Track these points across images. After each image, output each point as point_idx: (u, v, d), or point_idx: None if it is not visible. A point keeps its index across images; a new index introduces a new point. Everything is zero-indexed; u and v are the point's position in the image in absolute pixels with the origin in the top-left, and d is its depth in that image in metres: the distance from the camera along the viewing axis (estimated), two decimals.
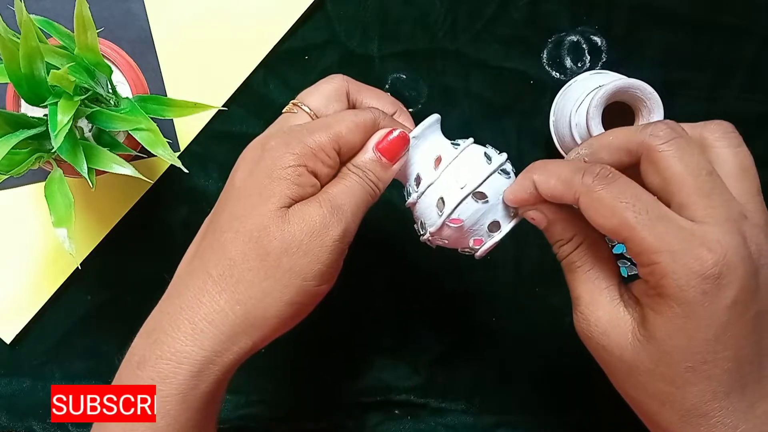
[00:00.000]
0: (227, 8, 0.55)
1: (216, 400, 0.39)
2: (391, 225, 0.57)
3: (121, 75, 0.48)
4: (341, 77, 0.44)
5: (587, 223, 0.36)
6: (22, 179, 0.54)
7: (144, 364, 0.37)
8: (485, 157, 0.41)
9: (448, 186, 0.41)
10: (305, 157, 0.39)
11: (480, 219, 0.41)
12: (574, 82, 0.54)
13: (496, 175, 0.41)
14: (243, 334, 0.38)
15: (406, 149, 0.41)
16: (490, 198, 0.40)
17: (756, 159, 0.57)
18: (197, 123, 0.55)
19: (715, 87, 0.56)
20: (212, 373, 0.37)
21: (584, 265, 0.38)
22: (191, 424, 0.37)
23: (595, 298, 0.37)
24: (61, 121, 0.39)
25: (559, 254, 0.39)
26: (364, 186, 0.40)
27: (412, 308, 0.58)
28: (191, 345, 0.37)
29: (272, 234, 0.37)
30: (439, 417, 0.58)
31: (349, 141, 0.40)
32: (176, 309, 0.38)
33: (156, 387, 0.37)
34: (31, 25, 0.38)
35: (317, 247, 0.38)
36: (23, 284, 0.55)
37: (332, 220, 0.38)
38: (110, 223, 0.55)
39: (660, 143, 0.35)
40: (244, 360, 0.39)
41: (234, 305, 0.37)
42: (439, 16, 0.56)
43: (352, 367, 0.58)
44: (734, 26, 0.56)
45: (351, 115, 0.41)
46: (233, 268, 0.38)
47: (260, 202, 0.38)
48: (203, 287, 0.38)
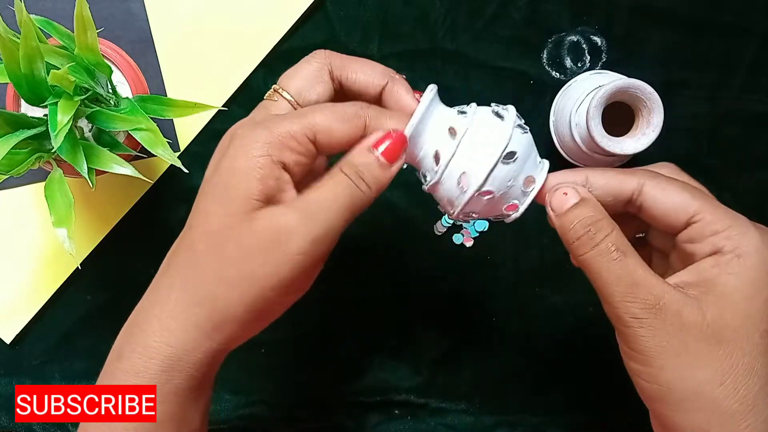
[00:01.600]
0: (227, 8, 0.55)
1: (196, 394, 0.38)
2: (391, 225, 0.57)
3: (121, 75, 0.48)
4: (323, 54, 0.41)
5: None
6: (22, 179, 0.54)
7: (121, 357, 0.37)
8: (497, 117, 0.38)
9: (472, 157, 0.37)
10: (271, 146, 0.36)
11: (512, 181, 0.38)
12: (574, 82, 0.54)
13: (517, 131, 0.38)
14: (209, 333, 0.37)
15: (405, 149, 0.38)
16: (519, 155, 0.38)
17: (756, 159, 0.58)
18: (197, 123, 0.55)
19: (715, 87, 0.57)
20: (183, 369, 0.37)
21: (629, 250, 0.37)
22: (168, 417, 0.37)
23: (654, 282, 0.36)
24: (61, 121, 0.39)
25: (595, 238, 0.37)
26: (353, 189, 0.37)
27: (412, 308, 0.58)
28: (158, 341, 0.36)
29: (233, 238, 0.36)
30: (440, 417, 0.58)
31: (326, 128, 0.37)
32: (150, 304, 0.38)
33: (130, 380, 0.37)
34: (31, 25, 0.38)
35: (279, 257, 0.35)
36: (23, 284, 0.55)
37: (299, 229, 0.35)
38: (110, 223, 0.55)
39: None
40: (219, 358, 0.38)
41: (195, 307, 0.36)
42: (439, 16, 0.56)
43: (352, 367, 0.58)
44: (734, 26, 0.56)
45: (330, 105, 0.38)
46: (197, 269, 0.37)
47: (225, 202, 0.36)
48: (172, 284, 0.37)
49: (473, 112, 0.39)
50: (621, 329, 0.36)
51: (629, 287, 0.36)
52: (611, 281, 0.36)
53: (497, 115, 0.38)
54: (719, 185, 0.57)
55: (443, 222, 0.57)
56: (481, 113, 0.39)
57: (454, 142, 0.38)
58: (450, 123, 0.38)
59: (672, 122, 0.51)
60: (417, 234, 0.57)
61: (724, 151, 0.57)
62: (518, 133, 0.38)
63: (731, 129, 0.57)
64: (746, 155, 0.57)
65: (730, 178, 0.57)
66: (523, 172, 0.38)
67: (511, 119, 0.38)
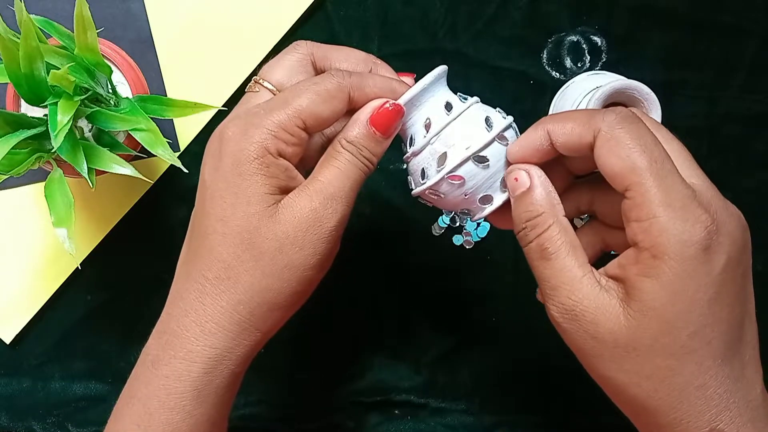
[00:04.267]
0: (227, 8, 0.55)
1: (230, 393, 0.40)
2: (391, 225, 0.57)
3: (121, 75, 0.48)
4: (305, 44, 0.42)
5: (559, 206, 0.36)
6: (22, 179, 0.54)
7: (158, 363, 0.38)
8: (487, 122, 0.39)
9: (453, 142, 0.38)
10: (266, 142, 0.37)
11: (478, 184, 0.39)
12: (571, 83, 0.54)
13: (496, 143, 0.39)
14: (251, 329, 0.38)
15: (400, 120, 0.39)
16: (492, 165, 0.38)
17: (756, 159, 0.57)
18: (197, 123, 0.55)
19: (715, 87, 0.56)
20: (226, 368, 0.38)
21: (559, 251, 0.35)
22: (205, 419, 0.38)
23: (576, 286, 0.35)
24: (61, 121, 0.39)
25: (529, 235, 0.36)
26: (358, 164, 0.39)
27: (412, 308, 0.58)
28: (202, 345, 0.37)
29: (264, 235, 0.37)
30: (440, 417, 0.58)
31: (313, 113, 0.38)
32: (182, 312, 0.38)
33: (171, 384, 0.37)
34: (31, 25, 0.38)
35: (314, 240, 0.37)
36: (23, 284, 0.55)
37: (326, 213, 0.37)
38: (110, 223, 0.55)
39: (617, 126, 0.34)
40: (257, 351, 0.40)
41: (237, 305, 0.37)
42: (439, 16, 0.56)
43: (352, 367, 0.58)
44: (734, 26, 0.56)
45: (310, 84, 0.38)
46: (228, 270, 0.37)
47: (241, 204, 0.37)
48: (202, 290, 0.38)
49: (470, 102, 0.40)
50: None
51: (551, 290, 0.35)
52: (539, 279, 0.36)
53: (487, 121, 0.39)
54: (719, 185, 0.57)
55: (440, 222, 0.57)
56: (476, 108, 0.40)
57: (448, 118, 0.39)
58: (445, 102, 0.40)
59: (671, 122, 0.51)
60: (417, 234, 0.57)
61: (724, 151, 0.57)
62: (496, 145, 0.39)
63: (731, 129, 0.57)
64: (746, 155, 0.57)
65: (730, 178, 0.57)
66: (488, 182, 0.39)
67: (498, 128, 0.39)
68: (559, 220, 0.36)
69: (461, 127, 0.39)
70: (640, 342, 0.33)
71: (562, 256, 0.35)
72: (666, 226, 0.32)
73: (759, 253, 0.58)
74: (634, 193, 0.33)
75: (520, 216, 0.37)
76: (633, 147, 0.33)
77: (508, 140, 0.39)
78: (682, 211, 0.32)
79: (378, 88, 0.39)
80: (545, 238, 0.36)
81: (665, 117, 0.49)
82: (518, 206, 0.37)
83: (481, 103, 0.41)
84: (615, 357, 0.34)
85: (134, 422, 0.38)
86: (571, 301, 0.35)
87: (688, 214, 0.32)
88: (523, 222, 0.37)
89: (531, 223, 0.36)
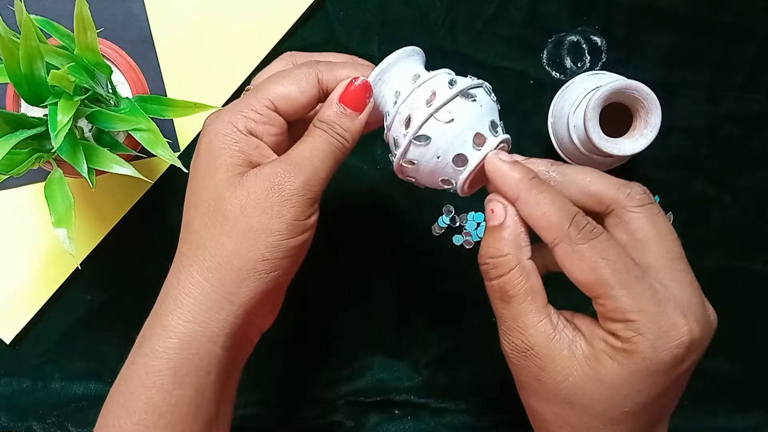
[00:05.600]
0: (227, 8, 0.55)
1: (214, 377, 0.39)
2: (391, 225, 0.57)
3: (121, 75, 0.48)
4: (288, 54, 0.44)
5: (527, 248, 0.37)
6: (22, 179, 0.54)
7: (140, 343, 0.39)
8: (449, 84, 0.39)
9: (417, 105, 0.39)
10: (235, 120, 0.39)
11: (447, 143, 0.38)
12: (571, 83, 0.54)
13: (460, 99, 0.38)
14: (224, 301, 0.38)
15: (369, 96, 0.41)
16: (457, 120, 0.38)
17: (756, 159, 0.58)
18: (197, 123, 0.55)
19: (715, 87, 0.57)
20: (203, 346, 0.38)
21: (518, 295, 0.36)
22: (186, 401, 0.38)
23: (530, 332, 0.36)
24: (61, 121, 0.39)
25: (491, 273, 0.37)
26: (329, 139, 0.40)
27: (412, 308, 0.58)
28: (175, 319, 0.38)
29: (228, 200, 0.38)
30: (440, 417, 0.58)
31: (280, 93, 0.39)
32: (163, 291, 0.40)
33: (149, 362, 0.38)
34: (31, 25, 0.38)
35: (275, 203, 0.38)
36: (23, 284, 0.55)
37: (287, 176, 0.38)
38: (110, 223, 0.55)
39: (634, 205, 0.37)
40: (244, 336, 0.40)
41: (206, 273, 0.38)
42: (439, 16, 0.56)
43: (352, 367, 0.58)
44: (734, 26, 0.56)
45: (282, 72, 0.41)
46: (198, 240, 0.39)
47: (210, 175, 0.39)
48: (179, 265, 0.39)
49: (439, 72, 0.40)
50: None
51: (506, 329, 0.37)
52: (496, 316, 0.38)
53: (451, 83, 0.39)
54: (719, 185, 0.57)
55: (440, 222, 0.57)
56: (442, 74, 0.40)
57: (412, 86, 0.39)
58: (416, 72, 0.40)
59: (671, 122, 0.52)
60: (417, 234, 0.57)
61: (724, 151, 0.57)
62: (460, 101, 0.38)
63: (731, 129, 0.57)
64: (746, 155, 0.57)
65: (730, 178, 0.57)
66: (457, 144, 0.38)
67: (461, 86, 0.39)
68: (522, 264, 0.36)
69: (425, 90, 0.39)
70: (578, 399, 0.35)
71: (519, 300, 0.36)
72: (642, 330, 0.34)
73: (759, 253, 0.58)
74: (605, 301, 0.34)
75: (486, 251, 0.37)
76: (596, 263, 0.34)
77: (476, 98, 0.39)
78: (657, 316, 0.34)
79: (347, 69, 0.41)
80: (505, 281, 0.36)
81: (665, 117, 0.49)
82: (486, 240, 0.38)
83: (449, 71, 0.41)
84: (551, 400, 0.36)
85: (119, 402, 0.38)
86: (524, 344, 0.36)
87: (664, 320, 0.34)
88: (486, 258, 0.37)
89: (494, 262, 0.37)
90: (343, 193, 0.56)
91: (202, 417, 0.38)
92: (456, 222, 0.57)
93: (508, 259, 0.36)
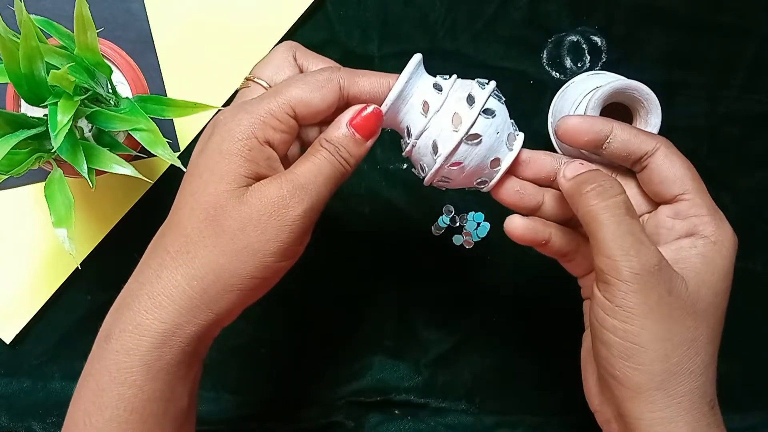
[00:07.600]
0: (227, 8, 0.55)
1: (185, 371, 0.39)
2: (391, 225, 0.57)
3: (121, 75, 0.48)
4: (288, 44, 0.43)
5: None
6: (22, 179, 0.54)
7: (109, 338, 0.38)
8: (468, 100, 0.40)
9: (441, 130, 0.39)
10: (254, 127, 0.38)
11: (480, 156, 0.40)
12: (571, 83, 0.54)
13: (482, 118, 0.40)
14: (202, 307, 0.38)
15: (380, 125, 0.40)
16: (484, 138, 0.40)
17: (756, 159, 0.57)
18: (197, 123, 0.55)
19: (715, 87, 0.57)
20: (175, 345, 0.38)
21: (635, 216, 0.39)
22: (158, 395, 0.38)
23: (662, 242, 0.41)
24: (61, 121, 0.39)
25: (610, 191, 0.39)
26: (334, 163, 0.39)
27: (412, 308, 0.58)
28: (151, 318, 0.37)
29: (228, 213, 0.37)
30: (440, 417, 0.58)
31: (302, 100, 0.39)
32: (138, 285, 0.39)
33: (121, 359, 0.37)
34: (31, 25, 0.38)
35: (276, 226, 0.37)
36: (23, 284, 0.55)
37: (292, 200, 0.38)
38: (110, 223, 0.55)
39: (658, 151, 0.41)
40: (212, 333, 0.39)
41: (191, 280, 0.38)
42: (439, 16, 0.56)
43: (352, 367, 0.58)
44: (734, 26, 0.56)
45: (302, 75, 0.40)
46: (189, 245, 0.38)
47: (214, 180, 0.38)
48: (162, 263, 0.38)
49: (450, 85, 0.40)
50: (613, 282, 0.37)
51: (635, 244, 0.37)
52: (618, 235, 0.37)
53: (469, 98, 0.40)
54: (719, 185, 0.57)
55: (440, 222, 0.57)
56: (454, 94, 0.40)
57: (428, 116, 0.40)
58: (425, 96, 0.40)
59: (672, 122, 0.51)
60: (417, 234, 0.57)
61: (724, 151, 0.57)
62: (482, 120, 0.40)
63: (731, 129, 0.57)
64: (746, 155, 0.57)
65: (730, 178, 0.57)
66: (491, 153, 0.40)
67: (479, 105, 0.39)
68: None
69: (447, 113, 0.40)
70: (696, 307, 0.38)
71: (638, 219, 0.39)
72: (721, 221, 0.40)
73: (759, 253, 0.58)
74: (693, 195, 0.40)
75: (593, 176, 0.39)
76: (684, 160, 0.41)
77: (495, 110, 0.40)
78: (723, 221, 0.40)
79: (369, 80, 0.40)
80: (627, 198, 0.39)
81: (665, 117, 0.49)
82: (588, 174, 0.40)
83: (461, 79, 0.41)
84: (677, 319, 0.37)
85: (89, 399, 0.38)
86: (656, 257, 0.37)
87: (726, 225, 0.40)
88: (598, 180, 0.39)
89: (608, 182, 0.39)
90: (344, 193, 0.56)
91: (173, 410, 0.39)
92: (456, 222, 0.57)
93: (618, 184, 0.39)
